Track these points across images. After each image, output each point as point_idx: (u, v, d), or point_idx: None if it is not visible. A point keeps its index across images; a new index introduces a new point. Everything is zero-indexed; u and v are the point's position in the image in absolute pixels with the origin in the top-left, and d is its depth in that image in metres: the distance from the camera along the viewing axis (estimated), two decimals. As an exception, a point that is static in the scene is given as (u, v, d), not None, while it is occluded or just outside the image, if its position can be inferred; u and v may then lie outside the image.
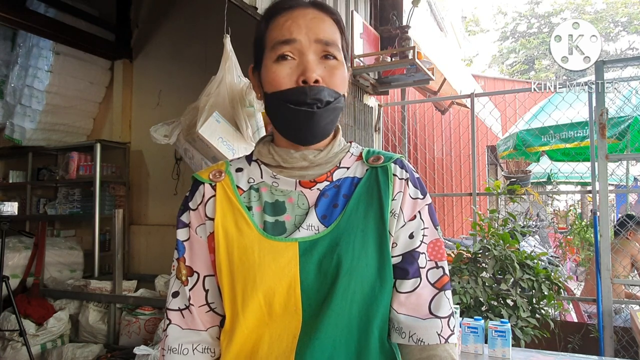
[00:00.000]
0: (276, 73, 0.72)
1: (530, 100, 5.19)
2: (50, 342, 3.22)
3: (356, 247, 0.72)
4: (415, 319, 0.74)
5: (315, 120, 0.72)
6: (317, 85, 0.71)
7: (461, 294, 2.63)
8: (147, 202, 4.35)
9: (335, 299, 0.70)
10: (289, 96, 0.72)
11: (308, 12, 0.74)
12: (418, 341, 0.73)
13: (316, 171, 0.79)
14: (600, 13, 17.09)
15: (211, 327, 0.79)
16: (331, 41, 0.74)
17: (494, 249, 2.77)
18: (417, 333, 0.73)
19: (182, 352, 0.76)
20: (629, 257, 3.36)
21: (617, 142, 3.47)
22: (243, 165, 0.83)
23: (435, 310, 0.74)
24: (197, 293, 0.78)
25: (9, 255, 3.46)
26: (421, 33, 3.84)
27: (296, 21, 0.73)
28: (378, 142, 3.81)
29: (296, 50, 0.72)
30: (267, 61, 0.75)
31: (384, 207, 0.75)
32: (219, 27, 2.11)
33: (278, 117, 0.76)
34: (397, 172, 0.79)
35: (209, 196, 0.79)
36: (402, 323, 0.74)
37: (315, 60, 0.73)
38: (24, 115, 4.15)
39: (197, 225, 0.79)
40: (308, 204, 0.77)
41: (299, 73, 0.72)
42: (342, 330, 0.71)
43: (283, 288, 0.71)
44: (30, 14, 3.67)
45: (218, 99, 2.02)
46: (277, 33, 0.74)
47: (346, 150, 0.83)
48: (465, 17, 19.73)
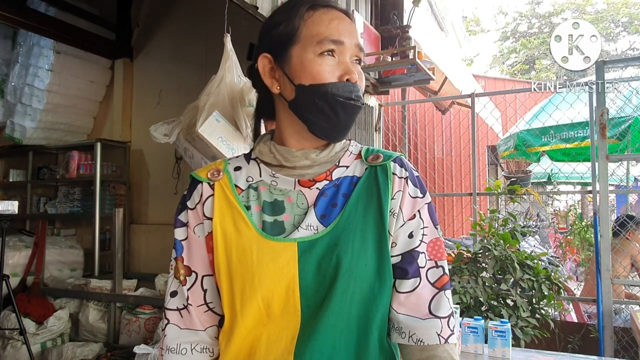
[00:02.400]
0: (322, 66, 0.73)
1: (530, 100, 5.18)
2: (51, 341, 3.22)
3: (355, 247, 0.72)
4: (415, 319, 0.74)
5: (355, 114, 0.76)
6: (357, 84, 0.76)
7: (461, 294, 2.63)
8: (147, 201, 4.35)
9: (335, 300, 0.70)
10: (337, 90, 0.73)
11: (347, 19, 0.78)
12: (418, 341, 0.73)
13: (316, 170, 0.79)
14: (601, 13, 17.08)
15: (210, 326, 0.79)
16: (361, 48, 0.78)
17: (494, 249, 2.77)
18: (417, 333, 0.73)
19: (180, 352, 0.77)
20: (629, 257, 3.36)
21: (618, 143, 3.47)
22: (241, 163, 0.83)
23: (435, 310, 0.74)
24: (195, 293, 0.78)
25: (9, 254, 3.46)
26: (422, 33, 3.83)
27: (342, 23, 0.76)
28: (378, 141, 3.80)
29: (339, 50, 0.75)
30: (306, 54, 0.74)
31: (383, 207, 0.75)
32: (219, 27, 2.11)
33: (316, 109, 0.74)
34: (397, 171, 0.79)
35: (207, 195, 0.78)
36: (401, 323, 0.74)
37: (350, 62, 0.76)
38: (24, 114, 4.15)
39: (195, 224, 0.79)
40: (307, 203, 0.77)
41: (342, 71, 0.74)
42: (342, 331, 0.71)
43: (282, 289, 0.71)
44: (31, 13, 3.67)
45: (218, 98, 2.02)
46: (324, 29, 0.74)
47: (345, 148, 0.82)
48: (466, 17, 19.72)
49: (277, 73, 0.78)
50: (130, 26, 4.48)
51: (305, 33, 0.75)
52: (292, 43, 0.75)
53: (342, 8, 0.79)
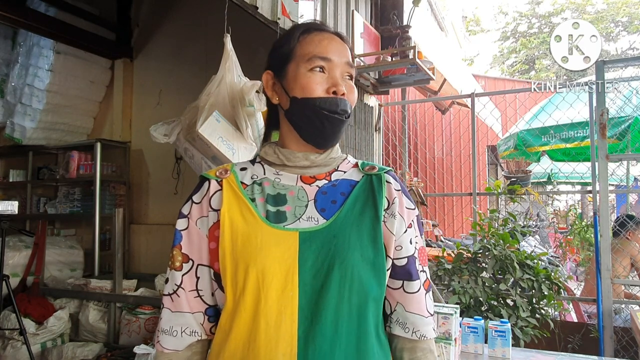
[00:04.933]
0: (311, 80, 0.83)
1: (530, 100, 5.19)
2: (51, 341, 3.22)
3: (352, 240, 0.79)
4: (421, 317, 0.85)
5: (340, 127, 0.85)
6: (344, 97, 0.84)
7: (461, 294, 2.63)
8: (147, 201, 4.35)
9: (333, 286, 0.76)
10: (324, 104, 0.82)
11: (336, 38, 0.88)
12: (421, 336, 0.84)
13: (316, 170, 0.87)
14: (601, 13, 17.06)
15: (197, 312, 0.86)
16: (352, 65, 0.87)
17: (494, 248, 2.77)
18: (421, 330, 0.84)
19: (172, 334, 0.85)
20: (629, 257, 3.35)
21: (618, 142, 3.47)
22: (247, 165, 0.91)
23: (429, 309, 0.87)
24: (189, 278, 0.85)
25: (9, 254, 3.46)
26: (422, 33, 3.83)
27: (331, 43, 0.86)
28: (378, 141, 3.81)
29: (328, 67, 0.84)
30: (299, 69, 0.84)
31: (379, 207, 0.83)
32: (219, 27, 2.11)
33: (305, 120, 0.84)
34: (391, 181, 0.89)
35: (214, 190, 0.86)
36: (409, 320, 0.85)
37: (340, 77, 0.85)
38: (24, 114, 4.15)
39: (198, 217, 0.86)
40: (307, 197, 0.84)
41: (330, 84, 0.83)
42: (344, 316, 0.76)
43: (281, 273, 0.77)
44: (31, 13, 3.67)
45: (218, 98, 2.02)
46: (314, 48, 0.85)
47: (343, 157, 0.92)
48: (466, 17, 19.71)
49: (277, 87, 0.89)
50: (130, 26, 4.48)
51: (299, 52, 0.85)
52: (289, 61, 0.86)
53: (335, 31, 0.90)
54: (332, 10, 3.04)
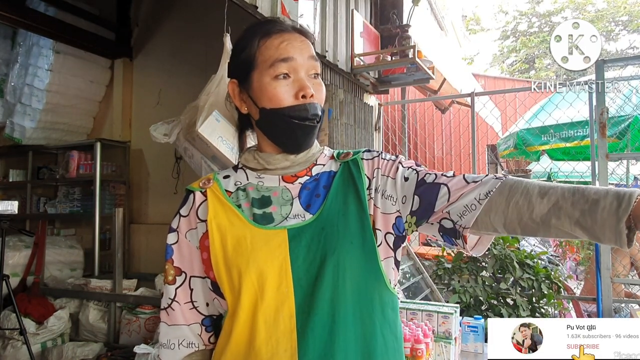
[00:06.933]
0: (277, 89, 0.80)
1: (530, 100, 5.19)
2: (51, 341, 3.22)
3: (340, 228, 0.80)
4: (477, 182, 0.78)
5: (313, 132, 0.84)
6: (313, 101, 0.82)
7: (461, 293, 2.64)
8: (147, 200, 4.35)
9: (327, 276, 0.76)
10: (293, 112, 0.80)
11: (296, 36, 0.84)
12: (493, 179, 0.77)
13: (296, 168, 0.87)
14: (601, 12, 17.05)
15: (193, 323, 0.87)
16: (316, 59, 0.84)
17: (494, 248, 2.78)
18: (487, 182, 0.77)
19: (170, 347, 0.86)
20: (629, 256, 3.36)
21: (618, 141, 3.47)
22: (229, 172, 0.91)
23: (469, 179, 0.79)
24: (183, 291, 0.87)
25: (9, 254, 3.46)
26: (421, 32, 3.84)
27: (291, 42, 0.82)
28: (378, 140, 3.81)
29: (292, 68, 0.81)
30: (263, 78, 0.81)
31: (360, 192, 0.83)
32: (219, 26, 2.11)
33: (277, 130, 0.84)
34: (365, 156, 0.88)
35: (200, 201, 0.86)
36: (474, 190, 0.76)
37: (306, 78, 0.82)
38: (24, 114, 4.15)
39: (187, 230, 0.87)
40: (292, 195, 0.85)
41: (297, 89, 0.81)
42: (339, 304, 0.76)
43: (274, 270, 0.77)
44: (30, 13, 3.66)
45: (218, 97, 2.02)
46: (274, 52, 0.81)
47: (321, 151, 0.92)
48: (465, 16, 19.70)
49: (244, 96, 0.87)
50: (129, 26, 4.47)
51: (260, 59, 0.82)
52: (252, 69, 0.83)
53: (294, 26, 0.86)
54: (332, 9, 3.04)
